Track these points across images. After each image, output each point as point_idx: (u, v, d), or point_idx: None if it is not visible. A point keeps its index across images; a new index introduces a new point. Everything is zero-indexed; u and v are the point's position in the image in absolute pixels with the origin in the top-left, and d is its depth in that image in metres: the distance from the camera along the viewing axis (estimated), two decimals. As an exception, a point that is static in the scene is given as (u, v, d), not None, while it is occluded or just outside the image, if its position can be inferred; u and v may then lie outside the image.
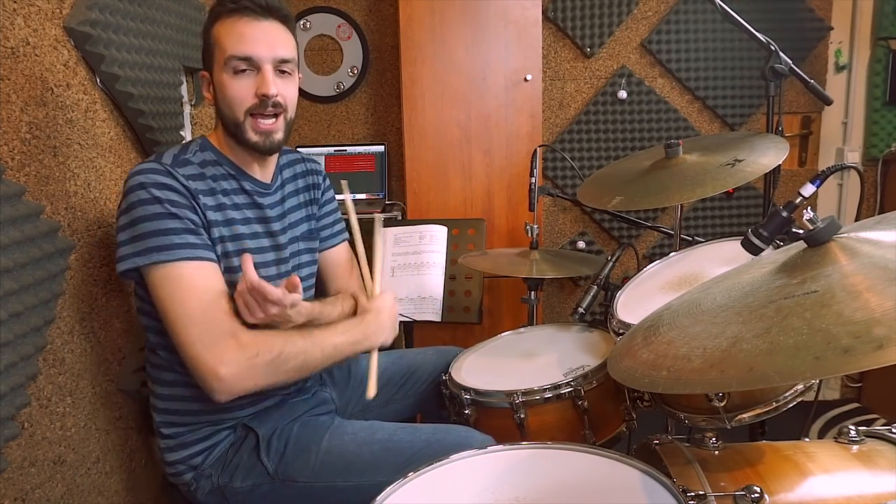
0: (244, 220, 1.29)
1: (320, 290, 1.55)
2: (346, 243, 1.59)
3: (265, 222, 1.34)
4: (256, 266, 1.28)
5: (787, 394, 1.09)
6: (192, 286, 1.14)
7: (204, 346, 1.12)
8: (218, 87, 1.24)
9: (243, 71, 1.22)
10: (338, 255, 1.55)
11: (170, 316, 1.14)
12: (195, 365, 1.13)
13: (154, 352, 1.27)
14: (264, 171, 1.36)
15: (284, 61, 1.24)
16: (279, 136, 1.27)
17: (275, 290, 1.10)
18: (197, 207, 1.19)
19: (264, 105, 1.22)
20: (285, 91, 1.25)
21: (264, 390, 1.21)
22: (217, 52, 1.23)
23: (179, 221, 1.15)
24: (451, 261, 1.98)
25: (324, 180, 1.53)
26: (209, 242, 1.20)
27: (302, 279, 1.43)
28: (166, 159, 1.21)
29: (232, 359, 1.12)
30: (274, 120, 1.25)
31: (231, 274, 1.24)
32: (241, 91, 1.22)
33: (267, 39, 1.22)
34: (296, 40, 1.30)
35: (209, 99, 1.29)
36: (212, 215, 1.22)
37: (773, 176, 1.68)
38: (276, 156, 1.37)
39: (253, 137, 1.25)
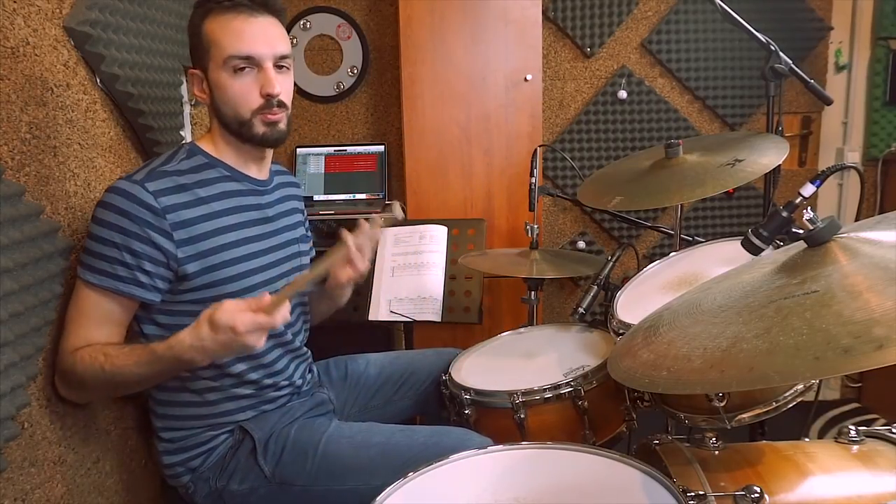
0: (239, 225, 1.28)
1: None
2: None
3: (264, 223, 1.34)
4: (256, 269, 1.29)
5: (787, 394, 1.09)
6: (83, 306, 1.17)
7: (58, 351, 1.18)
8: (216, 86, 1.23)
9: (243, 69, 1.21)
10: None
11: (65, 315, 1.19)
12: None
13: None
14: (261, 170, 1.36)
15: (284, 57, 1.24)
16: (283, 125, 1.27)
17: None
18: (156, 234, 1.15)
19: (269, 105, 1.23)
20: (285, 87, 1.26)
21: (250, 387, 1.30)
22: (213, 50, 1.21)
23: (117, 251, 1.15)
24: (451, 261, 1.97)
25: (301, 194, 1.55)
26: (141, 277, 1.16)
27: None
28: (139, 175, 1.18)
29: (58, 369, 1.17)
30: (280, 112, 1.26)
31: (218, 287, 1.23)
32: (243, 90, 1.21)
33: (265, 36, 1.21)
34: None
35: (202, 98, 1.27)
36: (184, 233, 1.18)
37: (773, 176, 1.68)
38: (272, 154, 1.38)
39: (261, 130, 1.25)
